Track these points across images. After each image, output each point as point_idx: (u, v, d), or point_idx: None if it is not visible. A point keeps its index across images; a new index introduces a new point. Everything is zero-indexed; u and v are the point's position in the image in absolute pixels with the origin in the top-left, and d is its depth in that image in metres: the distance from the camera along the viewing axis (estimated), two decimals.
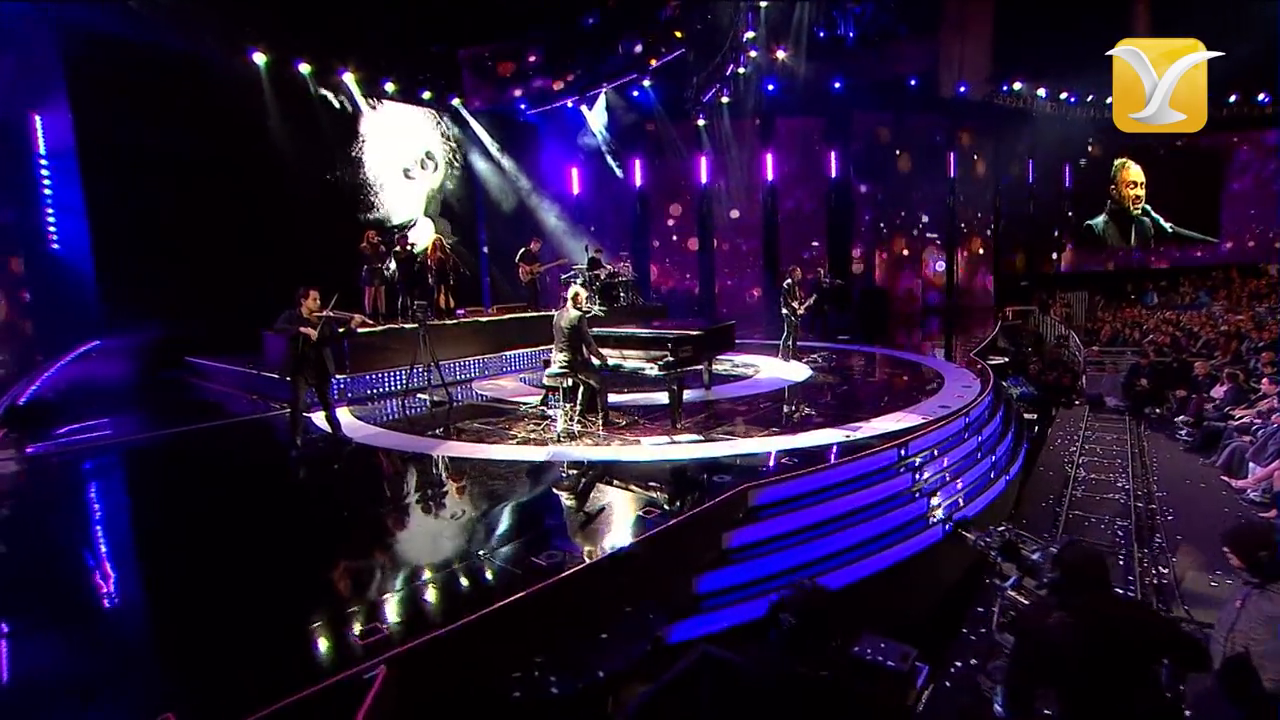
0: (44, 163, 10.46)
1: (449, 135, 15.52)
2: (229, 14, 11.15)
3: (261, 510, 5.07)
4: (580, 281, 9.51)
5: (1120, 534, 6.09)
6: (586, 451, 5.86)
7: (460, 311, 11.27)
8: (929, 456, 5.96)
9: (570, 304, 6.33)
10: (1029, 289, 20.25)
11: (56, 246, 10.57)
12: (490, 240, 16.46)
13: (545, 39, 15.50)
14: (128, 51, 10.34)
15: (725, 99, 16.71)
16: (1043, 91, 19.71)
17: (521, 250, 12.03)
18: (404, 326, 9.38)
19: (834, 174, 18.58)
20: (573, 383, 6.51)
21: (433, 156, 15.25)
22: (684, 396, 6.70)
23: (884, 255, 19.61)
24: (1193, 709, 2.98)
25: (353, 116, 13.59)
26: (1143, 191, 21.81)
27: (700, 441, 5.99)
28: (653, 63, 14.82)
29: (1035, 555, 2.89)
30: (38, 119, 10.38)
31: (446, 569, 3.71)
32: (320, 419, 6.68)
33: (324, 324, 6.10)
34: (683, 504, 4.51)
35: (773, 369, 9.82)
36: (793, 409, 7.37)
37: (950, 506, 5.68)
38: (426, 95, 14.74)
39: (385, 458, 6.21)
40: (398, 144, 14.52)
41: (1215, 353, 11.77)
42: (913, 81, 18.23)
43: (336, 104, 13.22)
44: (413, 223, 14.73)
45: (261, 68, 11.78)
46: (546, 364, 7.10)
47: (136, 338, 9.75)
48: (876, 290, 18.65)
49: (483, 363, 10.25)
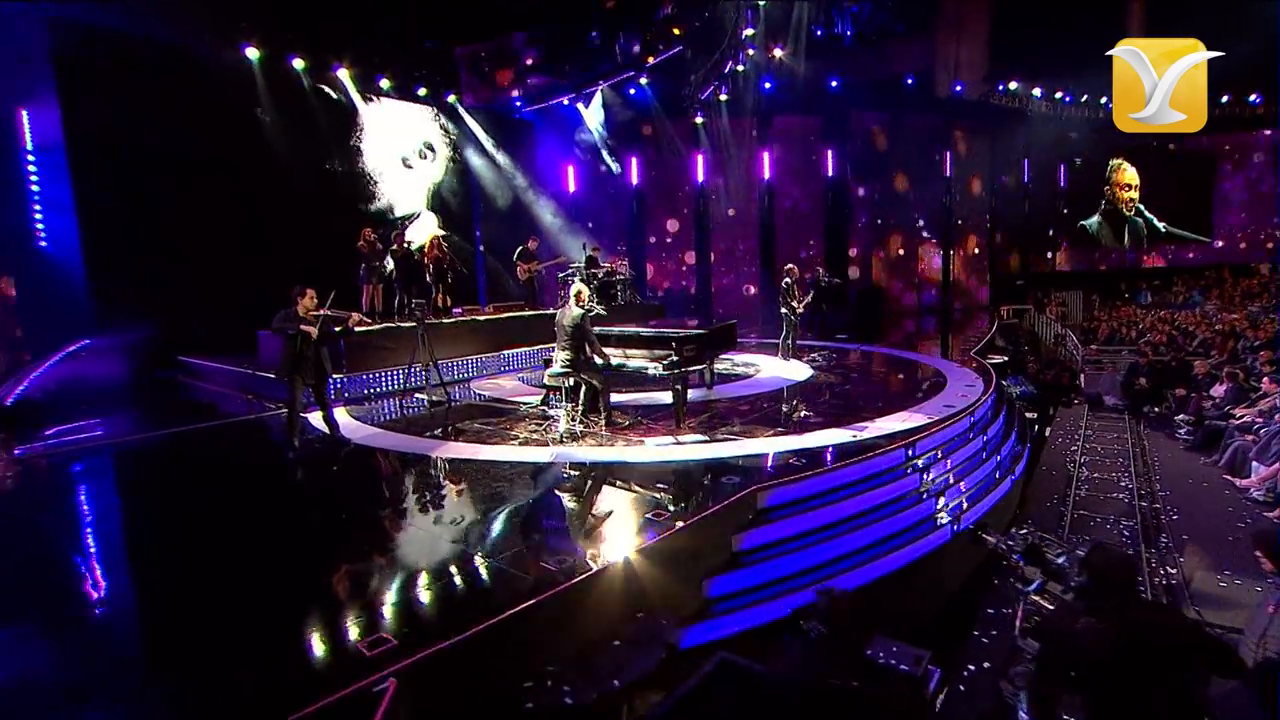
0: (31, 158, 10.24)
1: (447, 129, 15.36)
2: (220, 8, 10.99)
3: (259, 513, 4.94)
4: (580, 279, 9.42)
5: (1127, 534, 6.07)
6: (590, 452, 5.77)
7: (457, 310, 11.15)
8: (936, 457, 5.91)
9: (573, 302, 6.23)
10: (1024, 288, 20.32)
11: (45, 244, 10.36)
12: (486, 238, 16.33)
13: (541, 36, 15.40)
14: (118, 45, 10.18)
15: (724, 96, 16.63)
16: (1038, 91, 19.78)
17: (519, 249, 11.95)
18: (401, 325, 9.29)
19: (830, 173, 18.56)
20: (575, 382, 6.43)
21: (432, 147, 15.06)
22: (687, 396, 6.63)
23: (881, 254, 19.61)
24: (1219, 715, 2.92)
25: (349, 111, 13.41)
26: (1136, 194, 21.94)
27: (705, 442, 5.91)
28: (650, 60, 14.73)
29: (1060, 559, 2.82)
30: (25, 114, 10.16)
31: (453, 575, 3.61)
32: (317, 419, 6.56)
33: (322, 322, 5.98)
34: (692, 506, 4.43)
35: (773, 368, 9.76)
36: (797, 409, 7.31)
37: (955, 509, 5.62)
38: (422, 92, 14.59)
39: (385, 459, 6.09)
40: (396, 137, 14.33)
41: (1211, 351, 11.82)
42: (909, 81, 18.24)
43: (334, 96, 13.04)
44: (416, 215, 14.57)
45: (255, 63, 11.62)
46: (546, 363, 7.01)
47: (128, 336, 9.58)
48: (873, 289, 18.67)
49: (480, 362, 10.15)
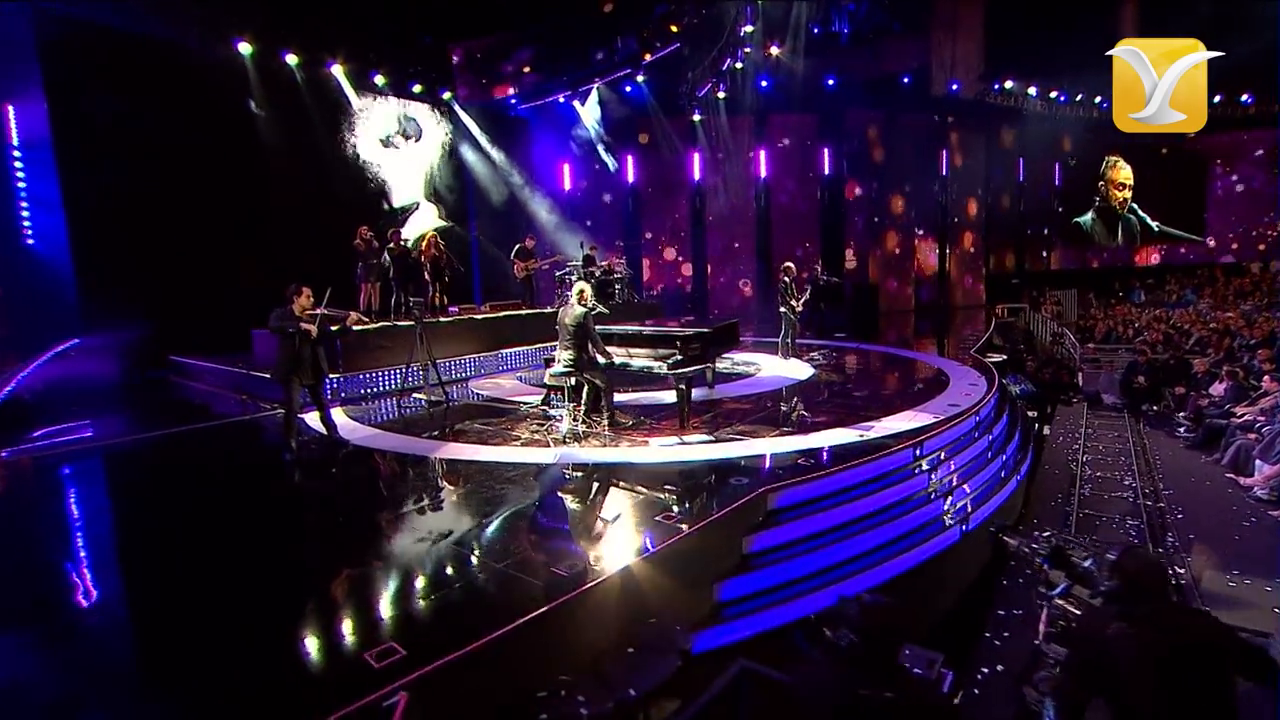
0: (17, 154, 10.05)
1: (437, 113, 15.16)
2: (211, 1, 10.80)
3: (257, 518, 4.81)
4: (577, 277, 9.33)
5: (1134, 533, 6.04)
6: (594, 453, 5.68)
7: (453, 309, 11.02)
8: (940, 458, 5.85)
9: (575, 300, 6.14)
10: (1019, 286, 20.38)
11: (31, 241, 10.16)
12: (482, 236, 16.19)
13: (537, 33, 15.28)
14: (106, 38, 10.00)
15: (721, 94, 16.57)
16: (1033, 90, 19.82)
17: (516, 247, 11.85)
18: (398, 324, 9.16)
19: (827, 171, 18.54)
20: (577, 382, 6.33)
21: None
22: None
23: (876, 253, 19.61)
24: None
25: (345, 106, 13.25)
26: (1130, 193, 22.06)
27: (711, 442, 5.83)
28: (647, 57, 14.67)
29: (1087, 562, 2.76)
30: (10, 109, 9.97)
31: (461, 581, 3.51)
32: (314, 420, 6.43)
33: (320, 322, 5.86)
34: (701, 507, 4.35)
35: (774, 367, 9.70)
36: (801, 408, 7.24)
37: (963, 509, 5.57)
38: (417, 88, 14.45)
39: (385, 461, 5.98)
40: (390, 128, 14.21)
41: (1208, 350, 11.86)
42: (905, 79, 18.23)
43: (329, 91, 12.87)
44: (415, 206, 14.40)
45: (247, 58, 11.44)
46: (547, 363, 6.91)
47: (118, 336, 9.42)
48: (869, 287, 18.67)
49: (478, 361, 10.04)
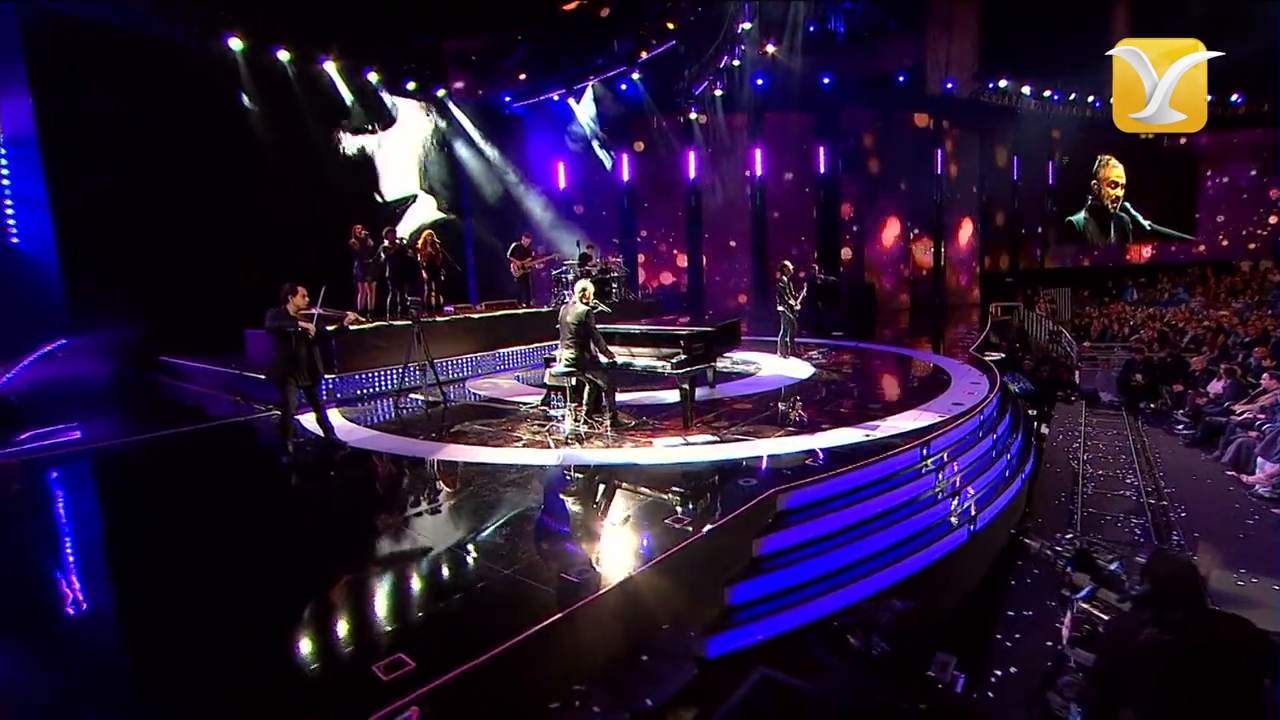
0: (2, 150, 9.83)
1: (431, 114, 15.00)
2: None
3: (254, 522, 4.69)
4: (575, 276, 9.23)
5: (1139, 532, 6.01)
6: (597, 454, 5.59)
7: (449, 308, 10.90)
8: (944, 459, 5.80)
9: (577, 299, 6.05)
10: (1013, 285, 20.43)
11: (16, 240, 9.94)
12: (476, 234, 16.05)
13: (532, 30, 15.14)
14: (93, 33, 9.81)
15: (718, 92, 16.50)
16: (1027, 89, 19.88)
17: (513, 245, 11.75)
18: (394, 324, 9.03)
19: (823, 169, 18.51)
20: (578, 381, 6.24)
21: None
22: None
23: (872, 251, 19.61)
24: None
25: (338, 101, 13.08)
26: (1122, 192, 22.18)
27: (716, 442, 5.76)
28: (643, 55, 14.56)
29: (1113, 565, 2.70)
30: None
31: (468, 589, 3.41)
32: (310, 421, 6.30)
33: (316, 321, 5.74)
34: (709, 509, 4.27)
35: (774, 366, 9.65)
36: (803, 407, 7.18)
37: (968, 510, 5.53)
38: (411, 86, 14.29)
39: (385, 463, 5.86)
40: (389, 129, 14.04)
41: (1203, 348, 11.90)
42: (901, 78, 18.24)
43: (323, 84, 12.71)
44: (412, 198, 14.22)
45: (239, 54, 11.25)
46: (547, 362, 6.81)
47: (107, 336, 9.22)
48: (865, 285, 18.67)
49: (475, 361, 9.92)
